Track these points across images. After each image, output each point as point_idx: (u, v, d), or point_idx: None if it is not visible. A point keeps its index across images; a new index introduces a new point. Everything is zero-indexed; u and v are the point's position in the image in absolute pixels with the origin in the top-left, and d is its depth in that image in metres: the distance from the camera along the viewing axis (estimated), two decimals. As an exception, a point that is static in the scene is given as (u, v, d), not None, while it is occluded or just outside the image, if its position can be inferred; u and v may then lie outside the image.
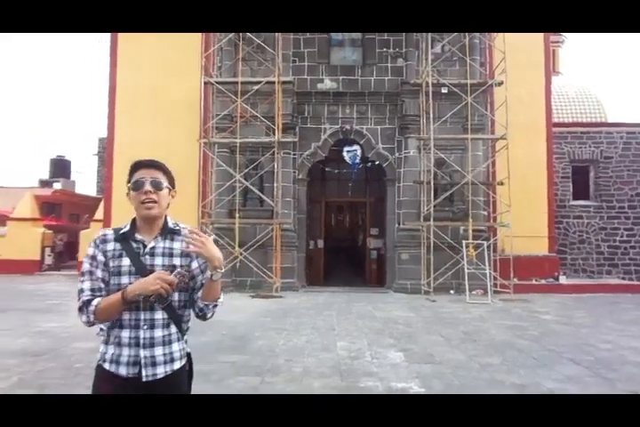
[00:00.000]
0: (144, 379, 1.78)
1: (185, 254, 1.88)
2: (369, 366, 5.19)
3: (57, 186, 22.29)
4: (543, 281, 12.75)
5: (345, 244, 18.22)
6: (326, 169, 14.13)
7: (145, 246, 1.87)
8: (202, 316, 1.89)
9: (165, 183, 1.91)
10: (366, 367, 5.15)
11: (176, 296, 1.85)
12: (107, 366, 1.82)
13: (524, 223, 12.31)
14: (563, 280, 12.74)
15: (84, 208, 19.20)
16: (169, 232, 1.92)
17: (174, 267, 1.84)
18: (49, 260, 16.12)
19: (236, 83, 12.32)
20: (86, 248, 1.90)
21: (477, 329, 7.44)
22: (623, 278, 14.91)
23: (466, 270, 10.94)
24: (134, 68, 14.28)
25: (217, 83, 12.59)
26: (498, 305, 10.23)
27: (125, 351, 1.80)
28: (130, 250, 1.85)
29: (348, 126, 13.06)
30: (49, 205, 19.45)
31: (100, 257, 1.84)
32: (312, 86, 13.20)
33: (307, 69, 13.28)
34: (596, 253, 15.40)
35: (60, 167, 24.65)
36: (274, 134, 12.13)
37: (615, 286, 12.94)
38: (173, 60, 13.92)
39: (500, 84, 12.04)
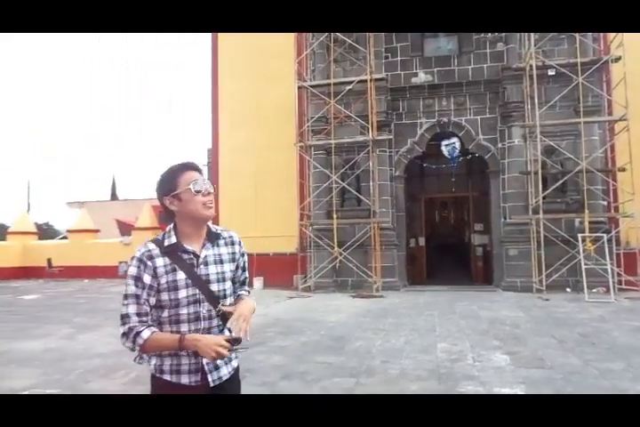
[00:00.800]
0: (211, 384, 1.76)
1: (231, 260, 1.88)
2: (470, 370, 4.90)
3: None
4: (678, 276, 11.25)
5: (450, 241, 17.57)
6: (424, 165, 13.75)
7: (197, 256, 1.80)
8: None
9: None
10: (467, 371, 4.86)
11: (228, 301, 1.84)
12: (167, 377, 1.76)
13: (654, 212, 11.00)
14: (703, 274, 11.14)
15: (197, 215, 20.47)
16: (215, 238, 1.87)
17: (224, 274, 1.84)
18: (168, 264, 17.42)
19: (329, 84, 12.43)
20: (130, 265, 1.79)
21: (597, 331, 6.73)
22: None
23: (583, 266, 9.99)
24: (232, 77, 15.04)
25: (310, 86, 12.79)
26: (623, 304, 9.20)
27: (185, 360, 1.76)
28: (182, 263, 1.78)
29: (445, 119, 12.60)
30: (167, 214, 21.04)
31: (147, 278, 1.74)
32: (406, 81, 12.92)
33: (399, 64, 13.02)
34: None
35: (176, 178, 26.55)
36: (368, 133, 12.04)
37: None
38: (268, 68, 14.40)
39: (618, 59, 10.88)
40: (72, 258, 17.33)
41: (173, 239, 1.79)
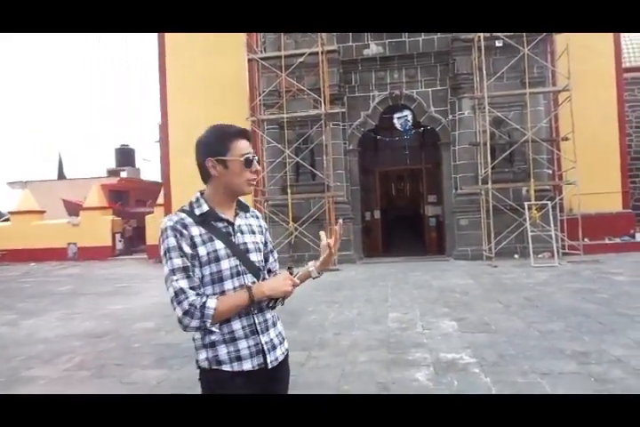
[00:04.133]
0: (269, 366, 1.65)
1: (260, 232, 1.78)
2: (419, 338, 5.03)
3: (123, 174, 23.32)
4: (617, 240, 11.87)
5: (406, 213, 17.85)
6: (378, 138, 13.77)
7: (232, 224, 1.69)
8: None
9: None
10: (416, 339, 5.00)
11: (266, 275, 1.77)
12: (227, 367, 1.62)
13: (595, 179, 11.49)
14: (640, 238, 11.82)
15: (149, 194, 19.95)
16: (246, 208, 1.79)
17: (258, 244, 1.74)
18: (120, 245, 17.02)
19: (280, 57, 12.12)
20: (163, 238, 1.59)
21: (540, 294, 7.04)
22: None
23: (529, 233, 10.37)
24: (181, 51, 14.48)
25: (261, 59, 12.46)
26: (566, 268, 9.65)
27: (243, 344, 1.63)
28: (218, 231, 1.65)
29: (397, 91, 12.58)
30: (116, 193, 20.42)
31: (186, 248, 1.58)
32: (358, 53, 12.78)
33: (351, 36, 12.83)
34: (679, 208, 14.14)
35: (126, 156, 25.75)
36: (321, 107, 11.90)
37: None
38: (217, 40, 13.88)
39: (560, 30, 11.05)
40: (16, 241, 16.60)
41: (205, 207, 1.66)
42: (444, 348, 4.63)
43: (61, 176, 25.86)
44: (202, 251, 1.60)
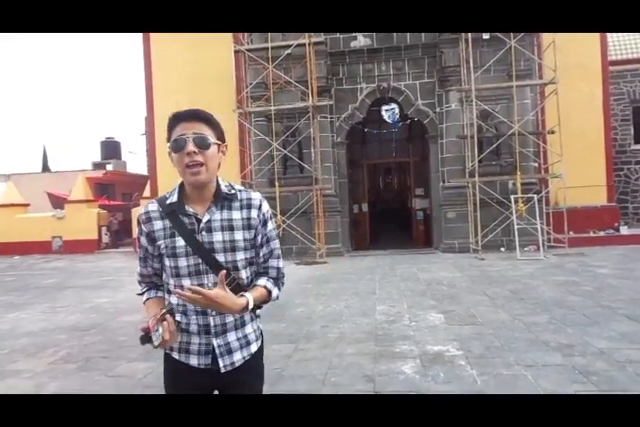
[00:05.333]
0: (222, 370, 1.58)
1: (245, 226, 1.59)
2: (406, 330, 5.05)
3: (109, 167, 23.06)
4: (602, 233, 12.01)
5: (393, 206, 17.92)
6: (365, 130, 13.74)
7: (199, 221, 1.56)
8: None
9: (213, 139, 1.54)
10: (403, 331, 5.02)
11: (244, 274, 1.61)
12: (175, 355, 1.62)
13: (580, 173, 11.59)
14: (624, 231, 11.96)
15: (135, 187, 19.79)
16: (224, 200, 1.60)
17: (234, 242, 1.57)
18: (106, 238, 16.86)
19: (267, 49, 12.02)
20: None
21: (526, 287, 7.10)
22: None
23: (515, 226, 10.45)
24: (167, 43, 14.25)
25: (247, 50, 12.34)
26: (551, 261, 9.75)
27: (195, 339, 1.59)
28: (182, 227, 1.55)
29: (385, 84, 12.54)
30: (102, 186, 20.21)
31: (145, 240, 1.61)
32: (345, 45, 12.70)
33: (338, 28, 12.71)
34: (662, 201, 14.33)
35: (111, 149, 25.47)
36: (309, 99, 11.84)
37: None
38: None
39: (547, 23, 11.06)
40: (0, 234, 16.41)
41: (174, 198, 1.58)
42: (431, 340, 4.65)
43: (46, 169, 25.53)
44: (162, 245, 1.57)
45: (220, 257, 1.56)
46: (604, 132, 12.72)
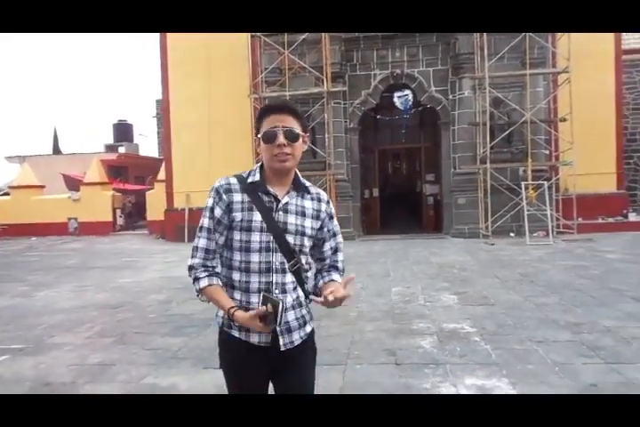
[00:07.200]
0: (282, 348, 1.64)
1: (315, 216, 1.71)
2: (421, 309, 5.32)
3: (121, 150, 23.27)
4: (611, 219, 12.18)
5: (403, 191, 18.07)
6: (378, 117, 13.87)
7: (278, 201, 1.66)
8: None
9: (299, 130, 1.65)
10: (419, 310, 5.28)
11: (303, 259, 1.70)
12: (235, 333, 1.66)
13: (591, 160, 11.69)
14: (633, 218, 12.12)
15: (148, 170, 20.01)
16: (302, 188, 1.72)
17: (304, 228, 1.67)
18: (120, 221, 17.19)
19: (283, 34, 12.11)
20: (209, 196, 1.67)
21: (536, 270, 7.34)
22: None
23: (525, 212, 10.65)
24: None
25: (263, 35, 12.43)
26: (560, 246, 9.97)
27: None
28: (261, 204, 1.64)
29: (398, 71, 12.64)
30: (115, 169, 20.46)
31: (219, 211, 1.64)
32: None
33: (352, 13, 12.77)
34: (671, 189, 14.45)
35: (123, 131, 25.62)
36: (323, 85, 11.97)
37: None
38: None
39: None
40: (16, 215, 16.74)
41: (257, 177, 1.67)
42: (446, 319, 4.92)
43: (57, 151, 25.75)
44: (238, 217, 1.62)
45: (290, 238, 1.65)
46: (616, 121, 12.77)
